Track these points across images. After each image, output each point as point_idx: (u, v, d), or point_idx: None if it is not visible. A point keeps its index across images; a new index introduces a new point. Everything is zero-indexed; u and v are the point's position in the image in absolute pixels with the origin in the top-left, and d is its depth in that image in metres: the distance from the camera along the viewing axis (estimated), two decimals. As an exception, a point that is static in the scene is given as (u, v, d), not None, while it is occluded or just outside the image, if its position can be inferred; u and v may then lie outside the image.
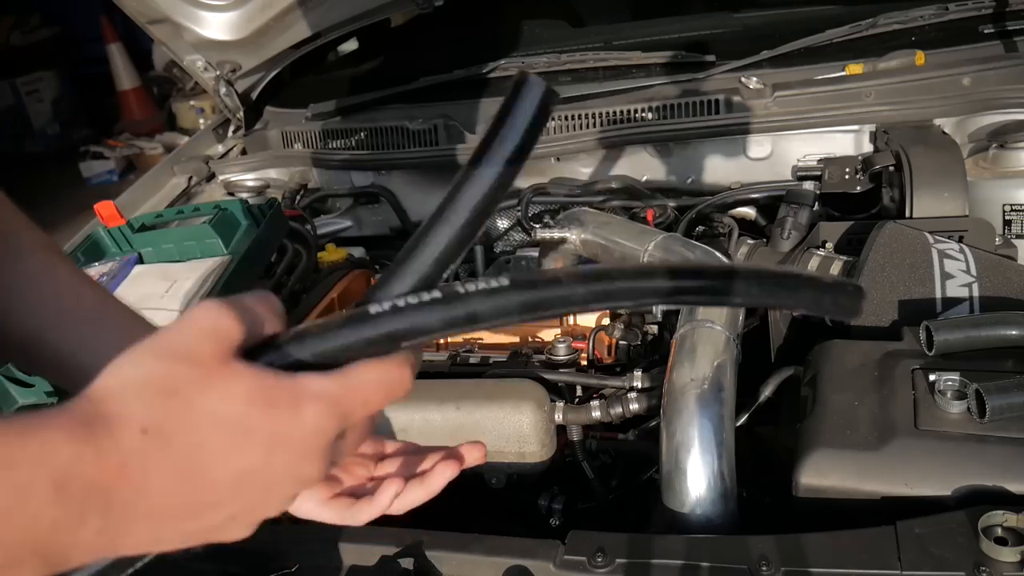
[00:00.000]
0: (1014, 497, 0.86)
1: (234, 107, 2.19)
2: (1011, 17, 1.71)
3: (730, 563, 0.85)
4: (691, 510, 1.01)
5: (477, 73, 2.02)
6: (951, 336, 1.02)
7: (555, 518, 1.22)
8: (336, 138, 2.05)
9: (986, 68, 1.59)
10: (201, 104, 6.01)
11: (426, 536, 0.96)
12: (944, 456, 0.90)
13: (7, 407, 1.23)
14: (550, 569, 0.90)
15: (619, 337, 1.34)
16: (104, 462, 0.44)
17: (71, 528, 0.43)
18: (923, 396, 0.96)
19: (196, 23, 1.96)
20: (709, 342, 1.12)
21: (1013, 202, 1.45)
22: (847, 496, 0.91)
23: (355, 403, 0.52)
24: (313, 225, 1.86)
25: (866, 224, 1.32)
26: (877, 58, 1.67)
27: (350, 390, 0.51)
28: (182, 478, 0.47)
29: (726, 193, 1.72)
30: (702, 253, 1.31)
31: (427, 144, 1.90)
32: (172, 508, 0.48)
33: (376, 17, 2.23)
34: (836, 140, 1.68)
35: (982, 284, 1.15)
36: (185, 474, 0.47)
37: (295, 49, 2.18)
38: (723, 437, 1.03)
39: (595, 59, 1.97)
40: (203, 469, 0.47)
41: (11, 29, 6.90)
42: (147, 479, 0.46)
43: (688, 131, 1.72)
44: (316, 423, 0.50)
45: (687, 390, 1.06)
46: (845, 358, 1.07)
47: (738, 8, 2.16)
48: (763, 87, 1.68)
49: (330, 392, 0.50)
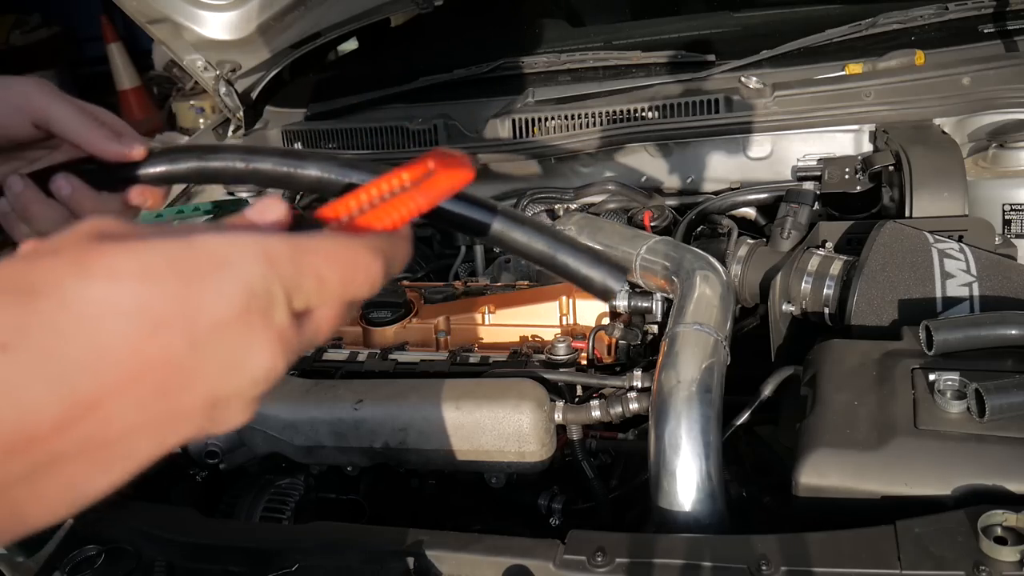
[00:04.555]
0: (1014, 497, 0.86)
1: (234, 107, 2.19)
2: (1011, 17, 1.72)
3: (730, 563, 0.85)
4: (680, 510, 1.01)
5: (477, 73, 2.02)
6: (951, 336, 1.02)
7: (555, 518, 1.22)
8: (336, 138, 2.05)
9: (986, 68, 1.59)
10: (201, 104, 6.00)
11: (426, 536, 0.96)
12: (944, 456, 0.90)
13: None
14: (550, 569, 0.90)
15: (619, 337, 1.35)
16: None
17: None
18: (923, 396, 0.96)
19: (196, 23, 1.96)
20: (697, 344, 1.13)
21: (1013, 202, 1.45)
22: (847, 496, 0.91)
23: (306, 273, 0.40)
24: (313, 225, 1.86)
25: (866, 224, 1.32)
26: (877, 58, 1.67)
27: (298, 251, 0.40)
28: (77, 396, 0.35)
29: (726, 193, 1.72)
30: (693, 256, 1.31)
31: (427, 144, 1.90)
32: (82, 439, 0.36)
33: (376, 17, 2.23)
34: (836, 140, 1.68)
35: (982, 284, 1.15)
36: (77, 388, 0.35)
37: (295, 49, 2.18)
38: (710, 439, 1.04)
39: (595, 59, 1.97)
40: (106, 381, 0.35)
41: (11, 29, 6.89)
42: (30, 412, 0.34)
43: (688, 131, 1.72)
44: (253, 287, 0.38)
45: (674, 392, 1.07)
46: (845, 358, 1.07)
47: (738, 8, 2.16)
48: (763, 87, 1.68)
49: (268, 247, 0.39)
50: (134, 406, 0.37)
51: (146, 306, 0.36)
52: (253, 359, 0.39)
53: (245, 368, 0.39)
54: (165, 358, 0.36)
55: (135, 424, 0.37)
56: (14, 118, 0.67)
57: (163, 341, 0.36)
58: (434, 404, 1.17)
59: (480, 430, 1.15)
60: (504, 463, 1.17)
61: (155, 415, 0.38)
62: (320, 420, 1.21)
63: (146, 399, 0.37)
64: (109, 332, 0.35)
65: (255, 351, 0.39)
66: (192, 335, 0.37)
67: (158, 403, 0.37)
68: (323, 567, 0.96)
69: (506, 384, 1.19)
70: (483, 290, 1.60)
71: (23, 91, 0.67)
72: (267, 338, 0.39)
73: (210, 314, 0.37)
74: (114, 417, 0.36)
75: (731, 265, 1.44)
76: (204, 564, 0.99)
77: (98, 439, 0.36)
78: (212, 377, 0.38)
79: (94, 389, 0.35)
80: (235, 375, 0.39)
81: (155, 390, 0.37)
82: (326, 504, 1.28)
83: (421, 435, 1.17)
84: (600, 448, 1.25)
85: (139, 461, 0.39)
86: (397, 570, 0.93)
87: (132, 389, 0.36)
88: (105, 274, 0.36)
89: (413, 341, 1.45)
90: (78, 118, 0.67)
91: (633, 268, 1.39)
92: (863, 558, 0.82)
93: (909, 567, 0.80)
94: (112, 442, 0.37)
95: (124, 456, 0.38)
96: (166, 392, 0.37)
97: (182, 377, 0.37)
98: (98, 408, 0.36)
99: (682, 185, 1.82)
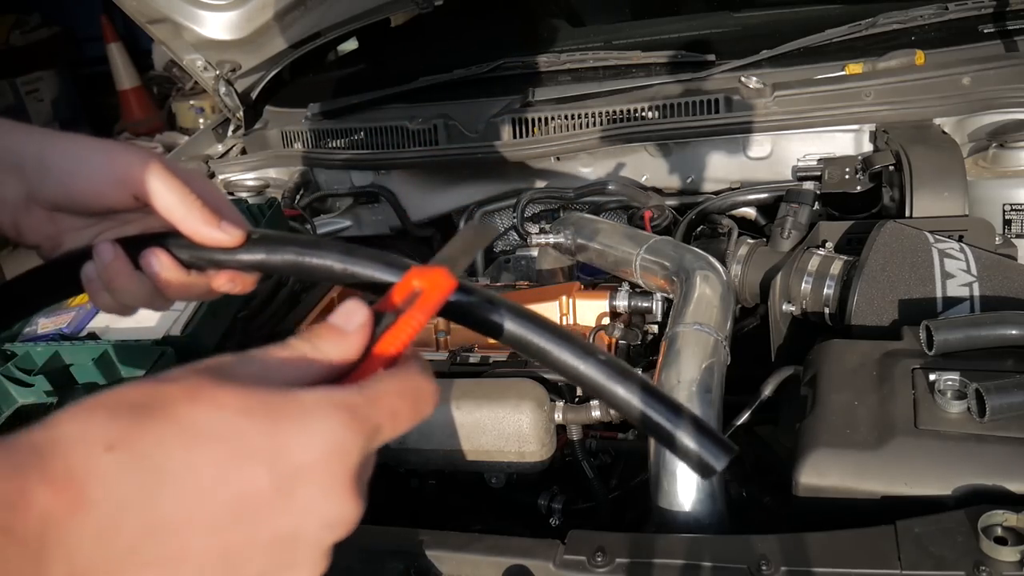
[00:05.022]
0: (1014, 496, 0.86)
1: (234, 107, 2.19)
2: (1011, 16, 1.72)
3: (730, 563, 0.85)
4: (680, 510, 1.01)
5: (477, 73, 2.02)
6: (951, 336, 1.02)
7: (555, 518, 1.22)
8: (336, 138, 2.05)
9: (986, 68, 1.59)
10: (201, 104, 6.01)
11: (426, 536, 0.96)
12: (944, 456, 0.90)
13: (7, 406, 1.23)
14: (550, 569, 0.90)
15: (619, 337, 1.34)
16: (57, 488, 0.35)
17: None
18: (923, 396, 0.96)
19: (196, 23, 1.96)
20: (697, 344, 1.12)
21: (1013, 202, 1.45)
22: (847, 496, 0.91)
23: (382, 415, 0.43)
24: (313, 225, 1.87)
25: (866, 224, 1.32)
26: (877, 58, 1.67)
27: (372, 399, 0.43)
28: (164, 507, 0.37)
29: (726, 193, 1.72)
30: (693, 256, 1.31)
31: (427, 144, 1.90)
32: (161, 549, 0.37)
33: (376, 17, 2.23)
34: (836, 140, 1.68)
35: (982, 283, 1.15)
36: (168, 500, 0.37)
37: (295, 49, 2.18)
38: None
39: (595, 59, 1.97)
40: (192, 496, 0.38)
41: (11, 29, 6.90)
42: (119, 510, 0.36)
43: (688, 130, 1.72)
44: (335, 439, 0.40)
45: (674, 392, 1.06)
46: (845, 358, 1.07)
47: (738, 8, 2.16)
48: (763, 87, 1.68)
49: (349, 401, 0.42)
50: (209, 529, 0.38)
51: (240, 436, 0.39)
52: (330, 503, 0.41)
53: (321, 511, 0.41)
54: (248, 487, 0.39)
55: (205, 549, 0.38)
56: (114, 189, 0.65)
57: (249, 472, 0.39)
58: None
59: (480, 430, 1.15)
60: (504, 463, 1.17)
61: (227, 544, 0.39)
62: (320, 420, 1.20)
63: (223, 525, 0.38)
64: (204, 452, 0.38)
65: (332, 496, 0.41)
66: (276, 470, 0.39)
67: (232, 532, 0.39)
68: (323, 567, 0.96)
69: (506, 384, 1.19)
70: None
71: (127, 162, 0.64)
72: (345, 483, 0.41)
73: (295, 454, 0.39)
74: (190, 536, 0.38)
75: (731, 265, 1.44)
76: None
77: (170, 555, 0.38)
78: (288, 514, 0.40)
79: (180, 506, 0.37)
80: (310, 517, 0.40)
81: (232, 517, 0.38)
82: (326, 504, 1.28)
83: (421, 435, 1.17)
84: (600, 448, 1.25)
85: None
86: (397, 570, 0.93)
87: (212, 511, 0.38)
88: (210, 403, 0.39)
89: (413, 341, 1.44)
90: (178, 197, 0.63)
91: (633, 268, 1.39)
92: (863, 558, 0.82)
93: (909, 567, 0.80)
94: (180, 562, 0.38)
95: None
96: (240, 520, 0.39)
97: (258, 510, 0.39)
98: (179, 527, 0.38)
99: (682, 185, 1.82)
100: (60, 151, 0.66)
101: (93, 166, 0.65)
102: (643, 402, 0.56)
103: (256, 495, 0.39)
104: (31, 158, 0.65)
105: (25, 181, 0.65)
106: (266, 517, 0.39)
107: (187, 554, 0.38)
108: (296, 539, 0.40)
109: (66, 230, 0.69)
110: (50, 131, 0.67)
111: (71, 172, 0.65)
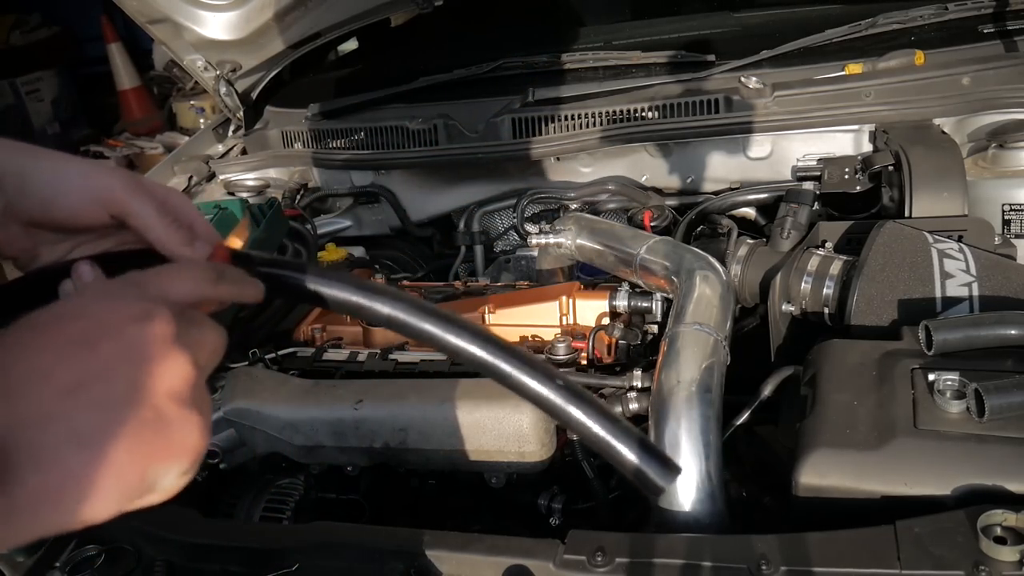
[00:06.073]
0: (1013, 496, 0.86)
1: (234, 107, 2.19)
2: (1011, 17, 1.72)
3: (730, 563, 0.85)
4: (680, 510, 1.01)
5: (477, 73, 2.02)
6: (950, 336, 1.02)
7: (555, 518, 1.22)
8: (336, 138, 2.05)
9: (986, 68, 1.59)
10: (201, 104, 6.01)
11: (426, 536, 0.96)
12: (943, 456, 0.90)
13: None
14: (550, 569, 0.90)
15: (619, 337, 1.35)
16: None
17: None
18: (922, 396, 0.96)
19: (196, 23, 1.96)
20: (697, 344, 1.12)
21: (1012, 202, 1.45)
22: (847, 496, 0.91)
23: (156, 285, 0.55)
24: (313, 225, 1.86)
25: (866, 224, 1.32)
26: (877, 58, 1.67)
27: (141, 278, 0.55)
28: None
29: (726, 193, 1.72)
30: (693, 256, 1.31)
31: (427, 144, 1.90)
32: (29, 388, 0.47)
33: (376, 17, 2.23)
34: (836, 140, 1.68)
35: (982, 284, 1.15)
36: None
37: (295, 49, 2.18)
38: (710, 439, 1.04)
39: (595, 59, 1.97)
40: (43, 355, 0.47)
41: (11, 29, 6.89)
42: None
43: (688, 130, 1.72)
44: (127, 311, 0.51)
45: (674, 392, 1.07)
46: (845, 358, 1.07)
47: (738, 8, 2.16)
48: (763, 87, 1.68)
49: (121, 284, 0.54)
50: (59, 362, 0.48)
51: (77, 317, 0.50)
52: (164, 377, 0.51)
53: (157, 388, 0.50)
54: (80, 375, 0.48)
55: (64, 381, 0.47)
56: (91, 208, 0.68)
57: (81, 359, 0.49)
58: (434, 404, 1.17)
59: (480, 430, 1.15)
60: (504, 463, 1.17)
61: (79, 373, 0.48)
62: (320, 420, 1.21)
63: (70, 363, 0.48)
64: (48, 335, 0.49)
65: (162, 369, 0.51)
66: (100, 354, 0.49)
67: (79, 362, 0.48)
68: (323, 567, 0.96)
69: (506, 384, 1.19)
70: (483, 290, 1.60)
71: (106, 184, 0.68)
72: (167, 352, 0.51)
73: (111, 332, 0.50)
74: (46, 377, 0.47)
75: (731, 265, 1.44)
76: (204, 564, 1.00)
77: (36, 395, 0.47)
78: (114, 340, 0.50)
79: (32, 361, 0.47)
80: (147, 393, 0.50)
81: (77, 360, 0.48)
82: (326, 504, 1.28)
83: (421, 435, 1.17)
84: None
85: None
86: (397, 570, 0.93)
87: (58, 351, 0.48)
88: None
89: (413, 341, 1.44)
90: (155, 217, 0.67)
91: (633, 268, 1.39)
92: (863, 558, 0.82)
93: (909, 567, 0.80)
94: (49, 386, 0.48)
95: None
96: (80, 359, 0.48)
97: (94, 344, 0.49)
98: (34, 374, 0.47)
99: (682, 185, 1.82)
100: (40, 170, 0.68)
101: (72, 186, 0.68)
102: (584, 415, 0.57)
103: (84, 337, 0.49)
104: (12, 175, 0.67)
105: (4, 197, 0.68)
106: (101, 394, 0.48)
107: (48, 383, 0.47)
108: (131, 354, 0.50)
109: (42, 243, 0.71)
110: (32, 147, 0.70)
111: (51, 191, 0.68)
